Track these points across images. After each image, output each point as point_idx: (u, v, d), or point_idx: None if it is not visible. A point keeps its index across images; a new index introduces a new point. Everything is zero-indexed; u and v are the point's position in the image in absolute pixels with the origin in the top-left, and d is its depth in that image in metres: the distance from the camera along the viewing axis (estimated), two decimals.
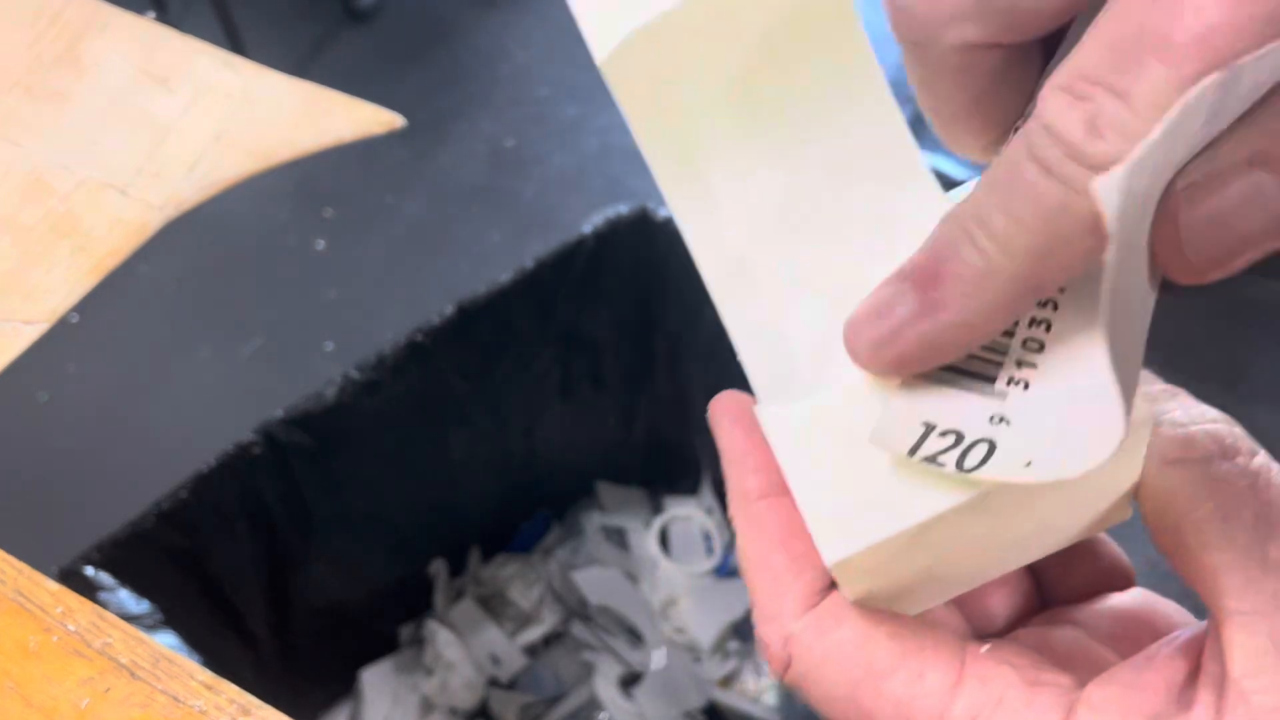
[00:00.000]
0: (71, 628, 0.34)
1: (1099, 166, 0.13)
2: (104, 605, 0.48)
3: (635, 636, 0.73)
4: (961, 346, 0.16)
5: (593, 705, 0.69)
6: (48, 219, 0.46)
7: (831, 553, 0.17)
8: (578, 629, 0.73)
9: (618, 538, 0.78)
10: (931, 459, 0.17)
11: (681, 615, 0.73)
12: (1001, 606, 0.22)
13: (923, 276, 0.16)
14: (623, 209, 0.64)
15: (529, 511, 0.79)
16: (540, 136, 1.66)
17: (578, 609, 0.74)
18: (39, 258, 0.45)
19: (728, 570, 0.75)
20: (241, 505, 0.58)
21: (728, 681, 0.71)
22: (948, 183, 0.19)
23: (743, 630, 0.73)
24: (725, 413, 0.21)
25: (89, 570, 0.51)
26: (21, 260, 0.44)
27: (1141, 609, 0.20)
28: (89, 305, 0.44)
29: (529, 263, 0.62)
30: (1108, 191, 0.13)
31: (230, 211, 1.58)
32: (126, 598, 0.52)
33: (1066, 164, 0.14)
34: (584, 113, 1.67)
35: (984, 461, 0.16)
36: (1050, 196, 0.14)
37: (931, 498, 0.17)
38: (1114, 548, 0.22)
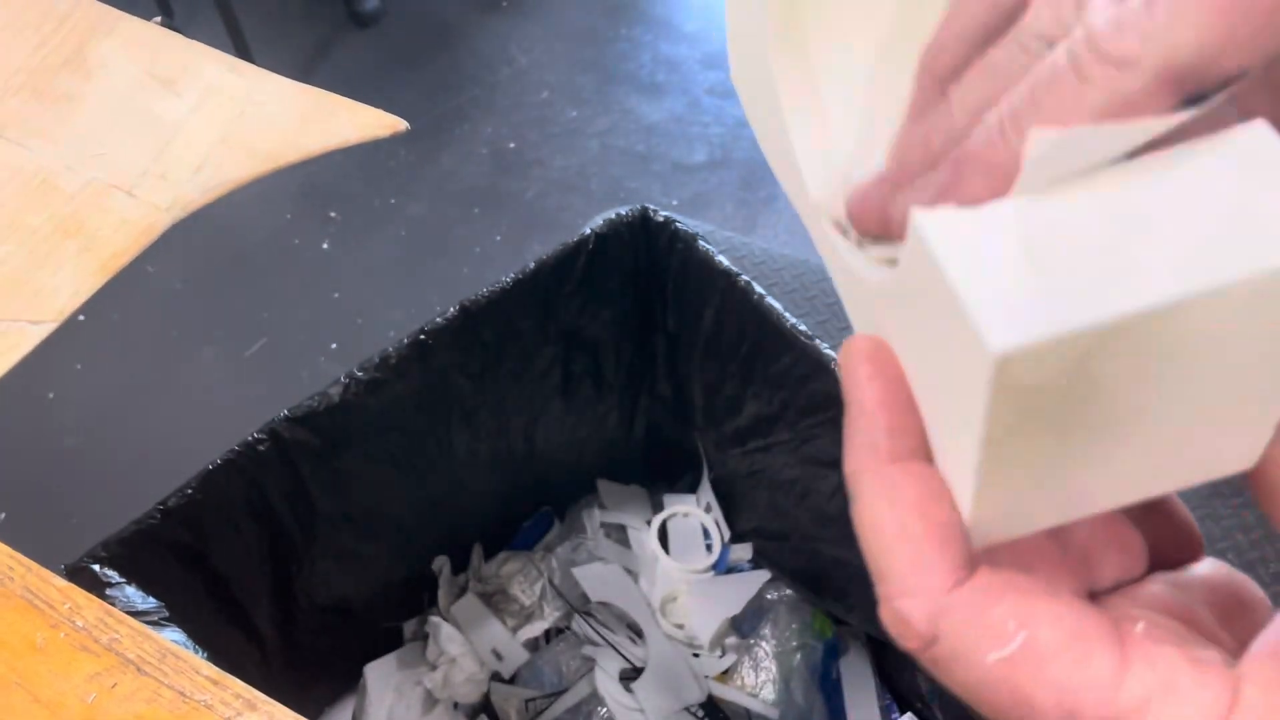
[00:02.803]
0: (79, 624, 0.35)
1: None
2: (111, 602, 0.48)
3: (635, 632, 0.73)
4: None
5: (594, 699, 0.69)
6: (55, 220, 0.46)
7: (999, 340, 0.16)
8: (579, 624, 0.74)
9: (618, 535, 0.78)
10: None
11: (681, 611, 0.74)
12: (1113, 568, 0.21)
13: None
14: (623, 210, 0.64)
15: (530, 509, 0.80)
16: (541, 139, 1.66)
17: (579, 605, 0.74)
18: (46, 258, 0.45)
19: (726, 567, 0.76)
20: (247, 503, 0.58)
21: (726, 676, 0.71)
22: None
23: (741, 626, 0.73)
24: (864, 361, 0.19)
25: (96, 567, 0.52)
26: (29, 261, 0.45)
27: (1223, 577, 0.20)
28: (96, 305, 0.44)
29: (530, 263, 0.62)
30: None
31: (235, 213, 1.59)
32: (133, 594, 0.52)
33: None
34: (584, 115, 1.67)
35: None
36: None
37: (1109, 302, 0.16)
38: (1189, 515, 0.22)
